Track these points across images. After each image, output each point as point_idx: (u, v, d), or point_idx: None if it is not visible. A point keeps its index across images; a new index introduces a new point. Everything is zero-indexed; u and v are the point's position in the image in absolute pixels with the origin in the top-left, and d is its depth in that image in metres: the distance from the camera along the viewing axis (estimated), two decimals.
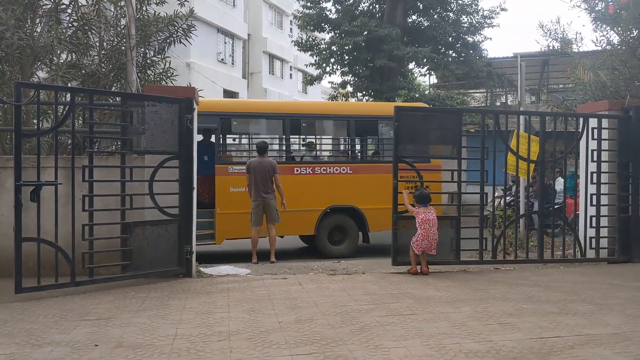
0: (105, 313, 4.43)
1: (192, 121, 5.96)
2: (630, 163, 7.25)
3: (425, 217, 6.30)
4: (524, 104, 11.04)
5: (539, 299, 5.06)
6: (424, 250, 6.32)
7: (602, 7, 9.04)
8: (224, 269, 6.74)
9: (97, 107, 6.37)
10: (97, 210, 5.38)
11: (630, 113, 7.31)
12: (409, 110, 7.60)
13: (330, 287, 5.59)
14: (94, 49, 7.89)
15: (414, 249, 6.34)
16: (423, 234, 6.26)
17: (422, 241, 6.27)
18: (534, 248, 7.50)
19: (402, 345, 3.63)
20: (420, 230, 6.28)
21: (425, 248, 6.30)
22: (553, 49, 10.69)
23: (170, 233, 5.81)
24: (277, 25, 35.21)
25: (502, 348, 3.59)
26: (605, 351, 3.56)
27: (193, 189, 6.01)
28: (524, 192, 8.43)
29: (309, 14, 20.17)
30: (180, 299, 4.96)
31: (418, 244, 6.29)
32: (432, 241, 6.29)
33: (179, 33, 8.17)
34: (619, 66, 9.16)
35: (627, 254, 7.25)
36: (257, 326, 4.08)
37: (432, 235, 6.28)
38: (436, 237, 6.31)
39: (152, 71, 8.36)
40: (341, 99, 21.88)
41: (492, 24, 20.36)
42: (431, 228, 6.28)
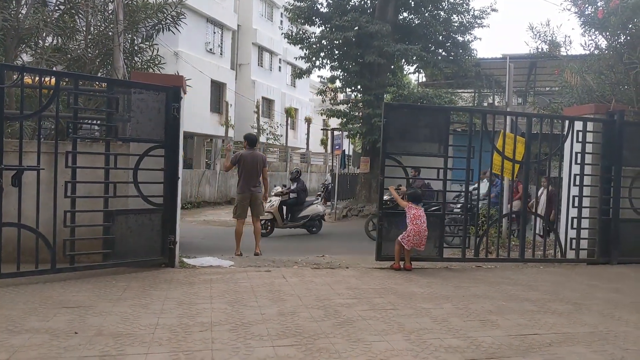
0: (85, 301, 4.38)
1: (179, 110, 5.90)
2: (613, 167, 7.35)
3: (417, 213, 6.34)
4: (511, 105, 11.11)
5: (519, 298, 5.12)
6: (413, 246, 6.34)
7: (592, 11, 9.13)
8: (207, 260, 6.71)
9: (83, 92, 6.27)
10: (79, 197, 5.31)
11: (614, 117, 7.42)
12: (397, 107, 7.62)
13: (313, 281, 5.59)
14: (80, 33, 7.79)
15: (404, 244, 6.34)
16: (415, 230, 6.28)
17: (413, 237, 6.29)
18: (515, 247, 7.59)
19: (383, 340, 3.65)
20: (412, 226, 6.31)
21: (416, 244, 6.33)
22: (542, 51, 10.78)
23: (153, 222, 5.76)
24: (268, 17, 34.99)
25: (482, 344, 3.63)
26: (582, 349, 3.61)
27: (178, 179, 5.96)
28: (507, 192, 8.52)
29: (300, 7, 20.07)
30: (163, 289, 4.93)
31: (409, 240, 6.31)
32: (423, 237, 6.33)
33: (167, 20, 8.10)
34: (606, 71, 9.27)
35: (606, 255, 7.37)
36: (240, 318, 4.07)
37: (423, 232, 6.32)
38: (426, 234, 6.36)
39: (140, 58, 8.27)
40: (330, 94, 21.85)
41: (482, 24, 20.46)
42: (422, 224, 6.32)
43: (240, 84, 31.33)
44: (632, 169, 7.52)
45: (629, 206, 7.47)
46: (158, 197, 5.77)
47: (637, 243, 7.48)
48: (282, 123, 32.93)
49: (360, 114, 19.87)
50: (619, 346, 3.71)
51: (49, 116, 5.97)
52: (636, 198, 7.50)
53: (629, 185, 7.46)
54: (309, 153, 34.22)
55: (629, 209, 7.46)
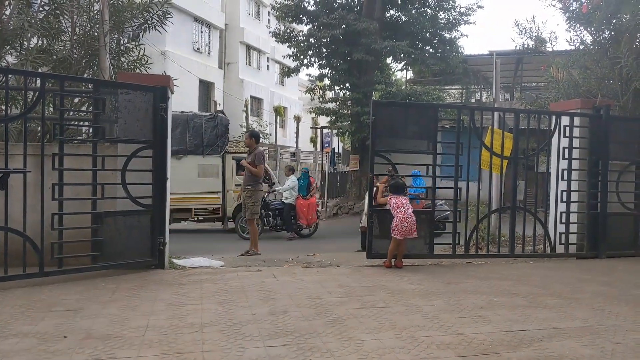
0: (74, 304, 4.33)
1: (167, 110, 5.86)
2: (600, 161, 7.41)
3: (399, 200, 6.32)
4: (499, 101, 11.19)
5: (509, 293, 5.15)
6: (405, 235, 6.22)
7: (576, 6, 9.19)
8: (197, 260, 6.68)
9: (68, 94, 6.21)
10: (67, 199, 5.25)
11: (601, 112, 7.46)
12: (386, 104, 7.63)
13: (304, 280, 5.58)
14: (65, 34, 7.69)
15: (395, 235, 6.21)
16: (401, 217, 6.19)
17: (401, 223, 6.17)
18: (505, 243, 7.63)
19: (375, 337, 3.65)
20: (397, 214, 6.24)
21: (406, 231, 6.19)
22: (528, 47, 10.84)
23: (142, 224, 5.71)
24: (255, 15, 34.87)
25: (474, 340, 3.64)
26: (573, 344, 3.64)
27: (166, 179, 5.91)
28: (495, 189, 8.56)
29: (287, 5, 20.04)
30: (152, 290, 4.89)
31: (399, 229, 6.19)
32: (411, 223, 6.21)
33: (154, 20, 8.02)
34: (591, 66, 9.34)
35: (595, 249, 7.43)
36: (230, 318, 4.05)
37: (410, 218, 6.21)
38: (414, 219, 6.24)
39: (126, 58, 8.19)
40: (318, 92, 21.84)
41: (469, 21, 20.59)
42: (408, 210, 6.25)
43: (228, 83, 31.22)
44: (619, 163, 7.58)
45: (617, 200, 7.53)
46: (147, 198, 5.72)
47: (625, 236, 7.56)
48: (271, 122, 32.86)
49: (349, 112, 19.90)
50: (609, 340, 3.74)
51: (35, 118, 5.89)
52: (623, 192, 7.56)
53: (616, 179, 7.51)
54: (298, 151, 34.16)
55: (617, 202, 7.52)
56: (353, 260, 7.14)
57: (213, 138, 12.92)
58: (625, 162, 7.63)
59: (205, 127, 12.90)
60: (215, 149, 12.95)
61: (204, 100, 27.61)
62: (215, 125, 13.00)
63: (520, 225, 7.37)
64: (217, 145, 12.98)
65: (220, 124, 13.13)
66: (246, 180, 8.35)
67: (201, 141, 12.77)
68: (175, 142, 11.99)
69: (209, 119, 13.20)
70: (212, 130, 12.95)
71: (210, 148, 12.89)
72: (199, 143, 12.75)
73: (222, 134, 13.15)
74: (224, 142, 13.09)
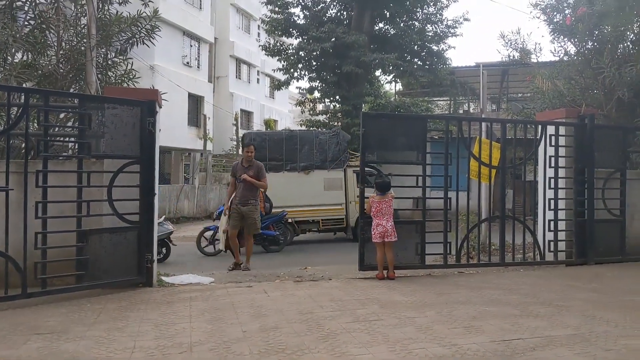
0: (58, 326, 4.23)
1: (155, 124, 5.80)
2: (586, 169, 7.47)
3: (379, 206, 6.39)
4: (486, 112, 11.26)
5: (501, 302, 5.13)
6: (382, 238, 6.31)
7: (560, 18, 9.33)
8: (186, 277, 6.59)
9: (53, 109, 6.12)
10: (51, 217, 5.15)
11: (585, 121, 7.55)
12: (375, 116, 7.65)
13: (296, 294, 5.52)
14: (51, 48, 7.61)
15: (373, 238, 6.39)
16: (377, 221, 6.36)
17: (376, 227, 6.34)
18: (495, 252, 7.63)
19: (368, 352, 3.60)
20: (375, 218, 6.40)
21: (381, 234, 6.30)
22: (513, 59, 10.98)
23: (129, 241, 5.62)
24: (245, 29, 35.00)
25: (467, 352, 3.60)
26: (566, 352, 3.61)
27: (154, 195, 5.84)
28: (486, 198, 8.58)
29: (277, 19, 20.16)
30: (140, 310, 4.80)
31: (375, 232, 6.36)
32: (387, 226, 6.32)
33: (142, 34, 7.97)
34: (575, 76, 9.46)
35: (583, 256, 7.46)
36: (220, 336, 3.98)
37: (387, 222, 6.33)
38: (392, 224, 6.36)
39: (114, 73, 8.12)
40: (309, 105, 21.91)
41: (456, 34, 20.84)
42: (384, 215, 6.36)
43: (218, 96, 31.19)
44: (604, 171, 7.66)
45: (603, 207, 7.58)
46: (134, 214, 5.64)
47: (613, 243, 7.61)
48: None
49: (339, 124, 19.95)
50: (601, 347, 3.72)
51: (19, 134, 5.80)
52: (609, 199, 7.63)
53: (602, 187, 7.58)
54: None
55: (603, 209, 7.58)
56: (345, 272, 7.08)
57: (337, 153, 13.56)
58: (610, 169, 7.71)
59: (329, 143, 13.52)
60: (338, 163, 13.56)
61: (193, 114, 27.53)
62: (338, 141, 13.68)
63: (510, 234, 7.38)
64: (340, 160, 13.63)
65: (342, 140, 13.75)
66: (248, 195, 8.09)
67: (326, 156, 13.36)
68: (303, 158, 13.15)
69: (332, 136, 13.86)
70: (336, 146, 13.61)
71: (335, 162, 13.52)
72: (324, 158, 13.35)
73: (344, 149, 13.87)
74: (346, 157, 13.74)
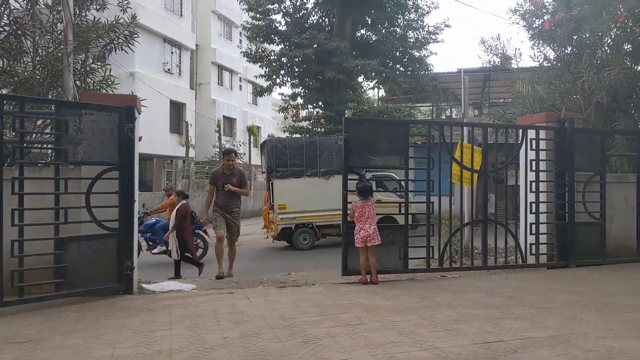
0: (35, 335, 4.13)
1: (134, 130, 5.73)
2: (566, 172, 7.55)
3: (362, 211, 6.38)
4: (467, 117, 11.39)
5: (483, 305, 5.15)
6: (365, 242, 6.31)
7: (539, 24, 9.48)
8: (167, 284, 6.50)
9: (29, 115, 6.02)
10: (27, 224, 5.04)
11: (565, 125, 7.63)
12: (358, 121, 7.67)
13: (278, 300, 5.47)
14: (27, 54, 7.50)
15: (355, 243, 6.38)
16: (360, 226, 6.35)
17: (359, 232, 6.33)
18: (478, 255, 7.67)
19: (350, 356, 3.57)
20: (357, 223, 6.39)
21: (364, 238, 6.30)
22: (494, 64, 11.12)
23: (109, 248, 5.53)
24: (226, 36, 34.93)
25: (449, 355, 3.59)
26: (547, 353, 3.63)
27: (134, 201, 5.76)
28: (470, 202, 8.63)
29: (259, 26, 20.15)
30: (119, 318, 4.71)
31: (357, 236, 6.35)
32: (370, 230, 6.32)
33: (120, 40, 7.90)
34: (555, 81, 9.61)
35: (565, 259, 7.53)
36: (201, 343, 3.92)
37: (370, 226, 6.33)
38: (374, 228, 6.36)
39: (92, 79, 8.02)
40: (292, 111, 21.90)
41: (437, 40, 21.05)
42: (368, 219, 6.36)
43: (200, 103, 31.04)
44: (584, 174, 7.74)
45: (584, 210, 7.66)
46: (113, 221, 5.55)
47: (593, 245, 7.68)
48: (244, 141, 32.75)
49: (323, 130, 19.97)
50: (581, 348, 3.75)
51: None
52: (590, 202, 7.71)
53: (582, 190, 7.67)
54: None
55: (584, 212, 7.66)
56: (329, 277, 7.05)
57: None
58: (590, 172, 7.79)
59: None
60: None
61: (175, 121, 27.33)
62: None
63: (492, 238, 7.43)
64: None
65: None
66: (232, 203, 7.98)
67: None
68: (323, 163, 13.32)
69: None
70: None
71: None
72: None
73: None
74: None
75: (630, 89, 8.98)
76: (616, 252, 7.94)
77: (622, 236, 8.07)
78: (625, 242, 8.07)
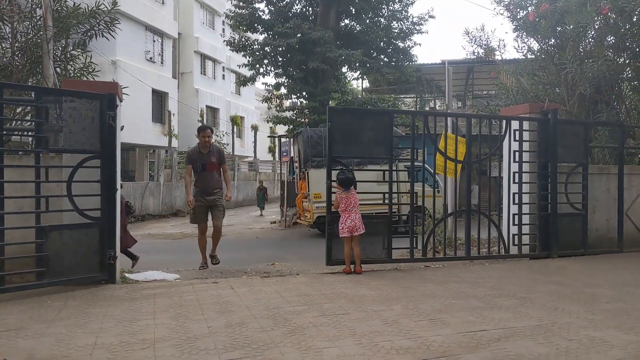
0: (16, 324, 4.06)
1: (115, 118, 5.64)
2: (549, 163, 7.63)
3: (347, 201, 6.40)
4: (451, 109, 11.45)
5: (466, 295, 5.20)
6: (351, 232, 6.33)
7: (523, 15, 9.53)
8: (150, 274, 6.44)
9: (8, 102, 5.88)
10: (9, 213, 4.95)
11: (548, 116, 7.70)
12: (342, 111, 7.64)
13: (262, 290, 5.46)
14: (6, 40, 7.31)
15: (341, 233, 6.38)
16: (345, 216, 6.38)
17: (345, 221, 6.35)
18: (461, 246, 7.74)
19: (334, 345, 3.58)
20: (343, 213, 6.41)
21: (351, 228, 6.33)
22: (478, 56, 11.17)
23: (91, 237, 5.45)
24: (209, 24, 34.54)
25: (432, 343, 3.63)
26: (529, 342, 3.68)
27: (116, 190, 5.68)
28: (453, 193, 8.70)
29: (242, 14, 19.94)
30: (102, 307, 4.66)
31: (343, 227, 6.36)
32: (356, 220, 6.35)
33: (100, 26, 7.74)
34: (539, 72, 9.69)
35: (547, 249, 7.63)
36: (185, 332, 3.89)
37: (355, 215, 6.37)
38: (359, 217, 6.40)
39: (72, 66, 7.86)
40: (275, 101, 21.76)
41: (421, 30, 21.05)
42: (353, 208, 6.38)
43: (183, 92, 30.70)
44: (567, 165, 7.83)
45: (566, 201, 7.76)
46: (95, 210, 5.47)
47: (575, 236, 7.80)
48: (228, 131, 32.53)
49: (307, 121, 19.90)
50: (563, 337, 3.81)
51: None
52: (572, 193, 7.80)
53: (565, 181, 7.75)
54: (257, 161, 33.92)
55: (566, 203, 7.75)
56: (313, 268, 7.06)
57: None
58: (572, 164, 7.88)
59: None
60: None
61: (157, 110, 27.01)
62: None
63: (476, 228, 7.50)
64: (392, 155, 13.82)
65: None
66: (213, 184, 7.48)
67: None
68: None
69: None
70: None
71: None
72: None
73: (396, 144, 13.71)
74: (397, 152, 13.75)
75: (613, 80, 9.10)
76: (598, 242, 8.08)
77: (604, 227, 8.22)
78: (606, 233, 8.21)
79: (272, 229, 16.83)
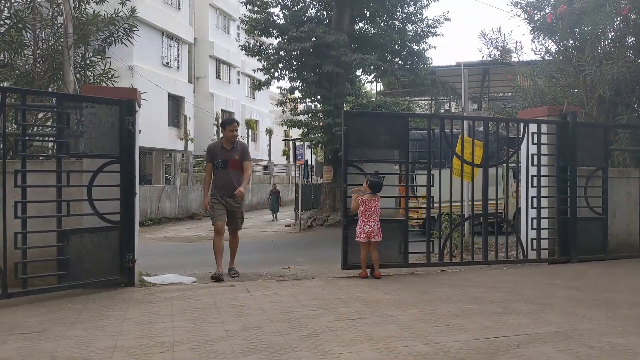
0: (38, 326, 4.14)
1: (134, 123, 5.72)
2: (568, 167, 7.53)
3: (368, 205, 6.30)
4: (467, 111, 11.38)
5: (484, 300, 5.15)
6: (369, 237, 6.25)
7: (540, 17, 9.45)
8: (168, 277, 6.51)
9: (30, 108, 6.01)
10: (31, 217, 5.05)
11: (567, 119, 7.61)
12: (357, 114, 7.65)
13: (278, 294, 5.48)
14: (28, 47, 7.47)
15: (358, 237, 6.30)
16: (364, 220, 6.27)
17: (363, 226, 6.25)
18: (478, 250, 7.68)
19: (351, 350, 3.58)
20: (362, 217, 6.30)
21: (369, 233, 6.24)
22: (494, 58, 11.10)
23: (110, 240, 5.54)
24: (224, 29, 34.81)
25: (450, 349, 3.60)
26: (549, 349, 3.64)
27: (135, 194, 5.75)
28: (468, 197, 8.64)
29: (256, 19, 20.02)
30: (121, 309, 4.72)
31: (360, 231, 6.27)
32: (374, 226, 6.26)
33: (119, 33, 7.86)
34: (557, 74, 9.59)
35: (566, 254, 7.53)
36: (202, 335, 3.92)
37: (374, 222, 6.27)
38: (378, 223, 6.30)
39: (92, 72, 7.99)
40: (290, 105, 21.82)
41: (436, 33, 20.93)
42: (372, 215, 6.29)
43: (198, 97, 30.99)
44: (586, 169, 7.71)
45: (586, 205, 7.65)
46: (114, 214, 5.55)
47: (595, 241, 7.67)
48: (242, 135, 32.72)
49: (321, 124, 19.92)
50: (584, 344, 3.75)
51: None
52: (592, 197, 7.69)
53: (584, 185, 7.65)
54: (271, 165, 34.06)
55: (586, 207, 7.64)
56: (328, 271, 7.06)
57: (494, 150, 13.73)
58: (592, 167, 7.77)
59: None
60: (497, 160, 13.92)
61: (174, 114, 27.29)
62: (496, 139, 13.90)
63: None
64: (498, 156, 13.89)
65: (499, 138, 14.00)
66: (237, 183, 6.86)
67: None
68: None
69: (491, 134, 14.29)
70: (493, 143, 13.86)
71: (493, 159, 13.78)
72: None
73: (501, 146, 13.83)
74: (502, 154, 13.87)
75: (633, 82, 8.96)
76: (618, 247, 7.95)
77: (625, 231, 8.09)
78: (627, 238, 8.08)
79: (286, 232, 16.89)
